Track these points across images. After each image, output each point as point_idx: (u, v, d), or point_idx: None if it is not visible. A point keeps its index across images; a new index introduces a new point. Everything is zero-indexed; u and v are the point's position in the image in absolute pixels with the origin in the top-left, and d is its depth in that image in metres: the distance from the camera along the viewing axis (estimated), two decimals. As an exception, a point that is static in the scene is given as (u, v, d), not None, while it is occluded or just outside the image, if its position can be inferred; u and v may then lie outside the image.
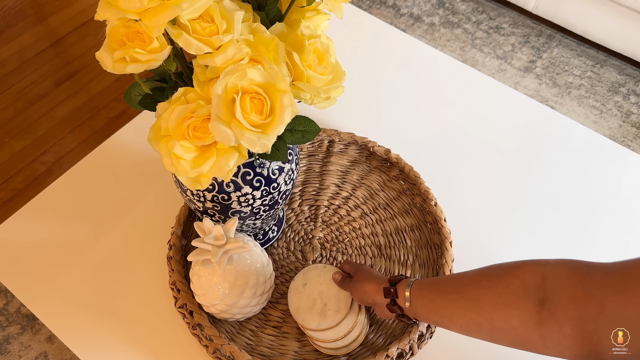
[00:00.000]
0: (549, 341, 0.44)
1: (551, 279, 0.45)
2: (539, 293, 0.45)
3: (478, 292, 0.50)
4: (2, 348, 1.27)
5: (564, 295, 0.43)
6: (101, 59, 0.51)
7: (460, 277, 0.54)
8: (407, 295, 0.58)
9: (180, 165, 0.52)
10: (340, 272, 0.70)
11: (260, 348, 0.74)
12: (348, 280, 0.69)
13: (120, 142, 0.97)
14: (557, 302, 0.43)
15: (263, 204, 0.67)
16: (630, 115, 1.75)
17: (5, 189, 1.57)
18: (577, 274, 0.44)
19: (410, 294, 0.58)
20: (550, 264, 0.46)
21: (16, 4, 1.99)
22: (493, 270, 0.51)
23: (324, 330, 0.67)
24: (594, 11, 1.75)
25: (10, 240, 0.85)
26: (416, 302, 0.57)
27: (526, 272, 0.47)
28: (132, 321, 0.77)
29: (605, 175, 0.93)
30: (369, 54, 1.11)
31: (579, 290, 0.42)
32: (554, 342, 0.44)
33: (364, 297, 0.65)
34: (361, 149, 0.91)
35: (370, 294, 0.64)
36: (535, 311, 0.45)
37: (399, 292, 0.60)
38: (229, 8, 0.51)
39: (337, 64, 0.59)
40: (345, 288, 0.69)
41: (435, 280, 0.58)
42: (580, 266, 0.44)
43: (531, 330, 0.45)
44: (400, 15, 2.02)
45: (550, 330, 0.44)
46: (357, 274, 0.68)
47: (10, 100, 1.76)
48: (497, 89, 1.05)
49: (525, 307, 0.45)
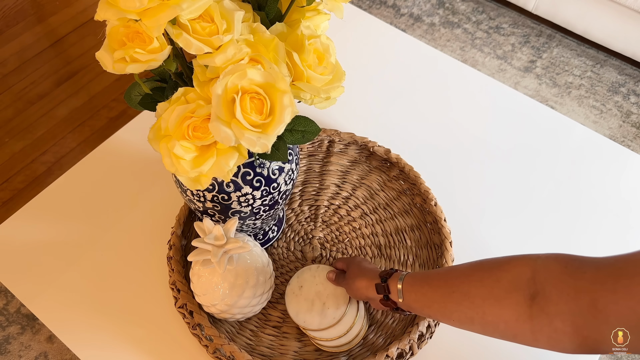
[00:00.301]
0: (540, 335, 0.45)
1: (542, 273, 0.45)
2: (529, 287, 0.45)
3: (469, 287, 0.50)
4: (2, 348, 1.27)
5: (555, 289, 0.44)
6: (101, 59, 0.51)
7: (451, 270, 0.55)
8: (399, 290, 0.59)
9: (180, 165, 0.52)
10: (334, 271, 0.71)
11: (260, 348, 0.74)
12: (342, 277, 0.69)
13: (120, 142, 0.97)
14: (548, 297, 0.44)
15: (263, 204, 0.67)
16: (630, 115, 1.75)
17: (5, 189, 1.57)
18: (567, 268, 0.44)
19: (402, 288, 0.58)
20: (541, 259, 0.47)
21: (16, 4, 1.99)
22: (484, 265, 0.51)
23: (326, 329, 0.68)
24: (594, 11, 1.75)
25: (10, 240, 0.85)
26: (409, 297, 0.58)
27: (517, 267, 0.47)
28: (132, 321, 0.77)
29: (605, 175, 0.93)
30: (369, 54, 1.11)
31: (569, 285, 0.43)
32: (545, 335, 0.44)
33: (358, 294, 0.66)
34: (361, 149, 0.91)
35: (362, 290, 0.64)
36: (527, 305, 0.45)
37: (391, 288, 0.60)
38: (229, 8, 0.51)
39: (337, 64, 0.59)
40: (341, 285, 0.69)
41: (427, 274, 0.58)
42: (571, 261, 0.45)
43: (522, 324, 0.45)
44: (400, 15, 2.02)
45: (541, 324, 0.44)
46: (349, 270, 0.68)
47: (10, 100, 1.76)
48: (497, 89, 1.05)
49: (516, 301, 0.46)
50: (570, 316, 0.42)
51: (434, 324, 0.72)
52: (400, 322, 0.75)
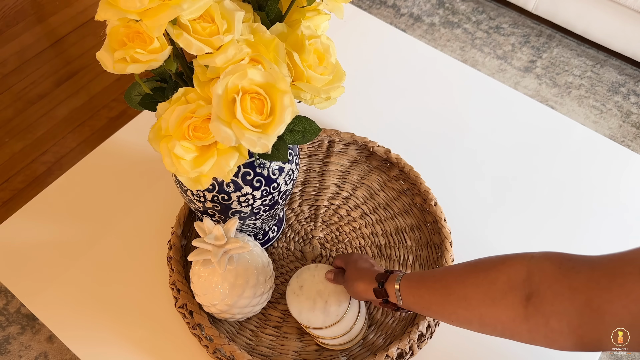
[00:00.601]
0: (536, 334, 0.45)
1: (536, 274, 0.45)
2: (524, 288, 0.46)
3: (465, 289, 0.51)
4: (2, 348, 1.27)
5: (550, 289, 0.44)
6: (101, 59, 0.51)
7: (447, 271, 0.55)
8: (397, 294, 0.59)
9: (181, 165, 0.52)
10: (332, 271, 0.72)
11: (260, 348, 0.74)
12: (341, 276, 0.70)
13: (120, 142, 0.97)
14: (543, 297, 0.44)
15: (263, 204, 0.67)
16: (630, 115, 1.75)
17: (5, 189, 1.57)
18: (562, 268, 0.44)
19: (400, 291, 0.59)
20: (535, 258, 0.47)
21: (16, 4, 1.99)
22: (479, 265, 0.52)
23: (329, 326, 0.68)
24: (594, 11, 1.75)
25: (10, 240, 0.85)
26: (407, 299, 0.59)
27: (511, 267, 0.48)
28: (132, 321, 0.77)
29: (605, 175, 0.93)
30: (369, 54, 1.11)
31: (564, 285, 0.43)
32: (541, 335, 0.45)
33: (358, 296, 0.67)
34: (361, 149, 0.91)
35: (362, 293, 0.65)
36: (522, 306, 0.45)
37: (389, 291, 0.61)
38: (229, 8, 0.51)
39: (337, 64, 0.59)
40: (340, 284, 0.70)
41: (423, 275, 0.58)
42: (565, 260, 0.45)
43: (519, 325, 0.46)
44: (400, 15, 2.02)
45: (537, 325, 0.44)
46: (347, 271, 0.69)
47: (10, 100, 1.76)
48: (497, 89, 1.05)
49: (512, 303, 0.46)
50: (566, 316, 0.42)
51: (434, 324, 0.72)
52: (400, 322, 0.75)
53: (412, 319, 0.74)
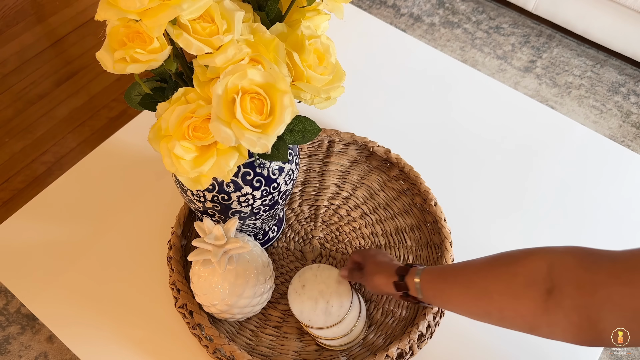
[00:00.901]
0: (556, 328, 0.45)
1: (557, 268, 0.46)
2: (545, 282, 0.46)
3: (487, 283, 0.51)
4: (2, 348, 1.27)
5: (571, 284, 0.44)
6: (101, 59, 0.51)
7: (468, 266, 0.56)
8: (417, 287, 0.60)
9: (181, 165, 0.52)
10: (346, 268, 0.72)
11: (260, 348, 0.74)
12: (357, 272, 0.70)
13: (120, 142, 0.97)
14: (564, 291, 0.44)
15: (263, 204, 0.67)
16: (630, 115, 1.75)
17: (5, 189, 1.57)
18: (583, 262, 0.44)
19: (420, 285, 0.59)
20: (557, 253, 0.47)
21: (16, 4, 1.99)
22: (500, 259, 0.52)
23: (330, 327, 0.68)
24: (594, 11, 1.75)
25: (10, 240, 0.85)
26: (427, 293, 0.59)
27: (533, 261, 0.48)
28: (132, 321, 0.77)
29: (605, 175, 0.93)
30: (369, 54, 1.11)
31: (585, 280, 0.43)
32: (561, 329, 0.45)
33: (377, 290, 0.67)
34: (361, 149, 0.91)
35: (382, 287, 0.65)
36: (543, 300, 0.46)
37: (409, 285, 0.61)
38: (229, 8, 0.51)
39: (337, 64, 0.59)
40: (356, 281, 0.70)
41: (444, 269, 0.59)
42: (587, 255, 0.45)
43: (539, 318, 0.46)
44: (400, 15, 2.02)
45: (557, 318, 0.45)
46: (366, 265, 0.69)
47: (10, 100, 1.76)
48: (497, 89, 1.05)
49: (533, 297, 0.46)
50: (586, 310, 0.43)
51: (434, 324, 0.72)
52: (400, 322, 0.75)
53: (412, 319, 0.74)
